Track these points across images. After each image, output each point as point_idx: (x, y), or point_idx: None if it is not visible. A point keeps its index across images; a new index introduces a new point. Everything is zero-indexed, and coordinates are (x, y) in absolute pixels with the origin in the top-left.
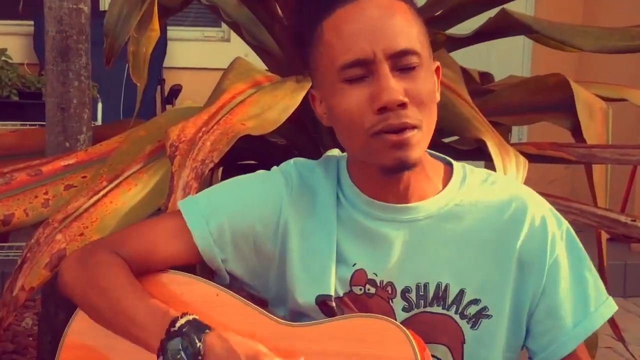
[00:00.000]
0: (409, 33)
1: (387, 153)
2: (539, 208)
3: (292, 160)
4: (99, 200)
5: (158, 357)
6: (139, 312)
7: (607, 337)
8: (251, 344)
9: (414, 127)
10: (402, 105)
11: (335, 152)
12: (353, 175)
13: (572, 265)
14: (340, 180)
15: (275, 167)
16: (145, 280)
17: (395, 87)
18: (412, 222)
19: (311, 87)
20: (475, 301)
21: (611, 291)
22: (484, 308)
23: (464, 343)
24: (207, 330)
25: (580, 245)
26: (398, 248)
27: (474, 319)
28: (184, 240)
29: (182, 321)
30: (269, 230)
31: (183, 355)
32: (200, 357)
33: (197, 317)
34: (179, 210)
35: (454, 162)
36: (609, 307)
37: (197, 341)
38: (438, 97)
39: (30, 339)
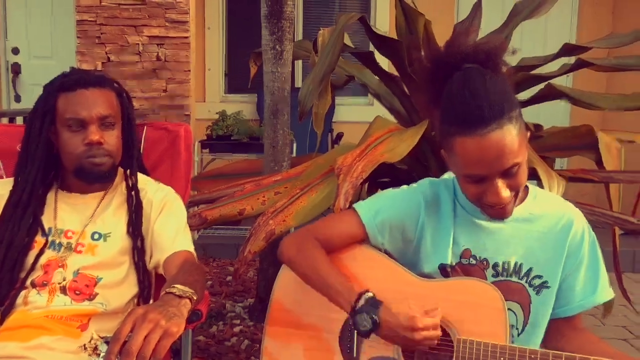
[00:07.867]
0: (513, 151)
1: (486, 212)
2: (580, 221)
3: (426, 180)
4: (294, 201)
5: (350, 316)
6: (335, 284)
7: (619, 297)
8: (409, 313)
9: (508, 204)
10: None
11: (451, 174)
12: None
13: (591, 261)
14: (456, 191)
15: (414, 184)
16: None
17: (503, 193)
18: (501, 222)
19: (442, 148)
20: (539, 276)
21: (624, 268)
22: (545, 282)
23: (531, 303)
24: (380, 305)
25: (599, 250)
26: (491, 238)
27: (537, 288)
28: (359, 230)
29: (364, 299)
30: (412, 224)
31: (366, 318)
32: (377, 323)
33: (373, 294)
34: (354, 211)
35: (529, 185)
36: (607, 294)
37: (376, 313)
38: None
39: (252, 283)
